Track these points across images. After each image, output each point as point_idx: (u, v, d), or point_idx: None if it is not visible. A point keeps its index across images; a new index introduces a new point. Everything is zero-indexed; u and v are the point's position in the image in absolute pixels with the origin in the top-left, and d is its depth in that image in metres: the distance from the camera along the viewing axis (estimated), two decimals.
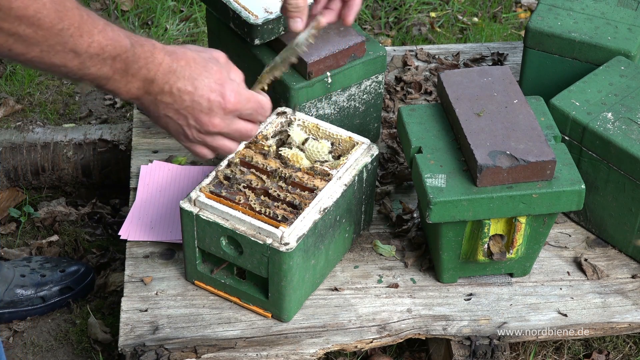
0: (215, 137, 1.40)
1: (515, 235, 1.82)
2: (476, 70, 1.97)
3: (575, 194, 1.78)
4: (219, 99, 1.37)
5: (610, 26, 2.14)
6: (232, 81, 1.39)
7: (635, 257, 1.99)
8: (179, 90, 1.34)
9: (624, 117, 1.93)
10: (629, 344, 2.03)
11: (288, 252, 1.70)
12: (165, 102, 1.34)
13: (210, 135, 1.39)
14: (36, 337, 2.04)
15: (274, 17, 1.98)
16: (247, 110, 1.41)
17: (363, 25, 3.08)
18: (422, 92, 2.40)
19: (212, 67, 1.37)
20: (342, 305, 1.87)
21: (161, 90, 1.33)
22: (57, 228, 2.30)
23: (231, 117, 1.39)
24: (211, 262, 1.85)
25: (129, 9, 3.06)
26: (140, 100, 1.34)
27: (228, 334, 1.80)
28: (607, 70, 2.04)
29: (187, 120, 1.36)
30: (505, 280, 1.94)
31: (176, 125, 1.37)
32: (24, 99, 2.67)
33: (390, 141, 2.25)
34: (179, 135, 1.39)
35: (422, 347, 1.98)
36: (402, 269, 1.96)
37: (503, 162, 1.75)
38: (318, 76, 1.99)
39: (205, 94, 1.35)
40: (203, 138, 1.39)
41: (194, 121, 1.37)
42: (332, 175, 1.81)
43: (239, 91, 1.39)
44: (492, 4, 3.20)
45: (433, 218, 1.76)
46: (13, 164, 2.35)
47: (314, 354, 1.79)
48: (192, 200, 1.77)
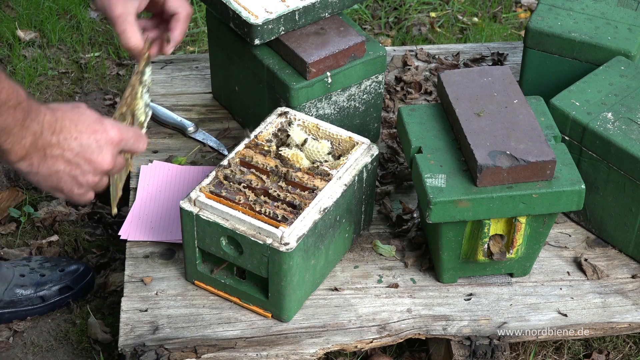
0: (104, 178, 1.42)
1: (515, 235, 1.82)
2: (476, 70, 1.97)
3: (575, 194, 1.78)
4: (104, 136, 1.38)
5: (610, 26, 2.14)
6: (105, 117, 1.41)
7: (635, 257, 1.99)
8: (65, 138, 1.35)
9: (624, 117, 1.93)
10: (629, 344, 2.04)
11: (288, 252, 1.70)
12: (54, 155, 1.34)
13: (103, 174, 1.40)
14: (36, 337, 2.04)
15: (274, 17, 1.98)
16: (130, 140, 1.42)
17: (363, 25, 3.08)
18: (422, 92, 2.40)
19: (83, 111, 1.38)
20: (342, 305, 1.87)
21: (49, 143, 1.33)
22: (57, 228, 2.30)
23: (118, 150, 1.41)
24: (211, 262, 1.85)
25: None
26: (30, 160, 1.33)
27: (228, 334, 1.81)
28: (607, 70, 2.04)
29: (80, 167, 1.37)
30: (505, 280, 1.94)
31: (69, 178, 1.38)
32: None
33: (390, 141, 2.25)
34: (72, 188, 1.39)
35: (422, 347, 1.98)
36: (402, 269, 1.96)
37: (503, 162, 1.75)
38: (318, 76, 1.99)
39: (91, 134, 1.36)
40: (96, 181, 1.40)
41: (87, 165, 1.37)
42: (332, 175, 1.81)
43: (117, 124, 1.41)
44: (492, 4, 3.20)
45: (433, 218, 1.76)
46: None
47: (314, 354, 1.79)
48: (192, 200, 1.77)
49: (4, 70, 1.31)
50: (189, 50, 2.92)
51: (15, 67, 2.77)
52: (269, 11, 1.99)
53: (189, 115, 2.30)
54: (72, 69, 2.82)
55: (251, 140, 1.88)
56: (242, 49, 2.08)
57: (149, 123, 2.26)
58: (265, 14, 1.98)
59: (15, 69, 2.77)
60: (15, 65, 2.77)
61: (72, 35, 2.94)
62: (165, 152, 2.19)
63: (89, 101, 2.72)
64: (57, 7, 3.00)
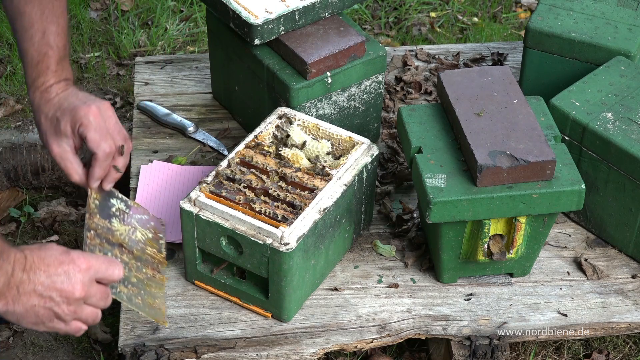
0: (82, 306, 1.46)
1: (515, 235, 1.82)
2: (476, 70, 1.97)
3: (575, 194, 1.78)
4: (71, 266, 1.44)
5: (610, 26, 2.14)
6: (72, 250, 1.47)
7: (635, 257, 1.99)
8: (34, 273, 1.41)
9: (624, 117, 1.93)
10: (629, 344, 2.03)
11: (288, 252, 1.70)
12: (27, 291, 1.40)
13: (78, 303, 1.45)
14: (36, 337, 2.04)
15: (274, 17, 1.98)
16: (101, 267, 1.48)
17: (363, 25, 3.08)
18: (422, 92, 2.40)
19: (49, 247, 1.45)
20: (342, 305, 1.87)
21: (20, 280, 1.39)
22: (57, 228, 2.30)
23: (88, 278, 1.46)
24: (211, 262, 1.85)
25: (129, 9, 3.06)
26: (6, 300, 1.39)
27: (228, 334, 1.81)
28: (607, 70, 2.04)
29: (52, 298, 1.42)
30: (505, 280, 1.94)
31: (45, 311, 1.43)
32: (24, 99, 2.66)
33: (390, 141, 2.25)
34: (52, 320, 1.44)
35: (422, 347, 1.98)
36: (402, 269, 1.96)
37: (503, 162, 1.75)
38: (318, 76, 1.99)
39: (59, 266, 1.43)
40: (73, 310, 1.45)
41: (59, 296, 1.42)
42: (332, 175, 1.81)
43: (84, 254, 1.47)
44: (492, 4, 3.20)
45: (433, 218, 1.76)
46: (13, 164, 2.35)
47: (314, 354, 1.79)
48: (192, 200, 1.77)
49: None
50: (189, 50, 2.92)
51: (15, 67, 2.77)
52: (269, 11, 1.99)
53: (189, 115, 2.30)
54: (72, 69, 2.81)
55: (251, 140, 1.88)
56: (242, 49, 2.08)
57: (149, 123, 2.27)
58: (265, 14, 1.98)
59: (16, 69, 2.77)
60: (16, 65, 2.77)
61: (72, 35, 2.94)
62: (165, 152, 2.19)
63: None
64: None
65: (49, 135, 1.73)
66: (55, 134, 1.72)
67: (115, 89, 2.75)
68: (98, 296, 1.48)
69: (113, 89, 2.75)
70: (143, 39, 2.94)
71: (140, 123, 2.27)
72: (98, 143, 1.73)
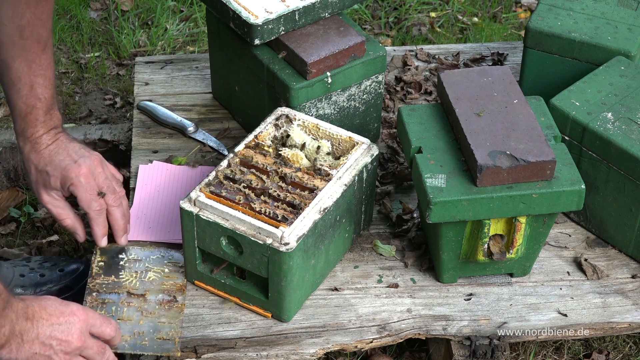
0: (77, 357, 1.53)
1: (515, 235, 1.82)
2: (476, 70, 1.97)
3: (575, 194, 1.78)
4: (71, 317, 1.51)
5: (610, 26, 2.14)
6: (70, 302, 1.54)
7: (635, 257, 1.99)
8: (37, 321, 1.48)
9: (624, 117, 1.93)
10: (629, 344, 2.04)
11: (288, 252, 1.70)
12: (30, 339, 1.47)
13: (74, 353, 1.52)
14: None
15: (274, 17, 1.98)
16: (96, 322, 1.55)
17: (363, 25, 3.08)
18: (422, 92, 2.40)
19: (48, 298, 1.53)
20: (342, 305, 1.87)
21: (24, 328, 1.46)
22: (57, 228, 2.30)
23: (86, 329, 1.54)
24: (211, 262, 1.85)
25: (129, 9, 3.06)
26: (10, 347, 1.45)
27: (228, 334, 1.81)
28: (607, 70, 2.04)
29: (52, 347, 1.49)
30: (505, 280, 1.94)
31: (44, 359, 1.49)
32: None
33: (390, 141, 2.25)
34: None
35: (422, 347, 1.98)
36: (402, 269, 1.96)
37: (503, 162, 1.75)
38: (318, 76, 1.99)
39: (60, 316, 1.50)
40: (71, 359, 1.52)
41: (57, 344, 1.49)
42: (332, 175, 1.81)
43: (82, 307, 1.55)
44: (492, 4, 3.20)
45: (433, 218, 1.76)
46: (13, 164, 2.35)
47: (314, 354, 1.79)
48: (192, 200, 1.77)
49: None
50: (189, 50, 2.92)
51: None
52: (269, 11, 1.99)
53: (189, 115, 2.30)
54: (72, 69, 2.82)
55: (251, 140, 1.88)
56: (242, 49, 2.08)
57: (149, 123, 2.27)
58: (265, 14, 1.98)
59: None
60: None
61: (72, 35, 2.94)
62: (165, 152, 2.19)
63: (89, 101, 2.72)
64: (57, 7, 3.00)
65: (39, 185, 1.82)
66: (45, 186, 1.82)
67: (115, 89, 2.75)
68: (95, 349, 1.55)
69: (113, 89, 2.75)
70: (143, 39, 2.94)
71: (140, 123, 2.27)
72: (89, 203, 1.83)
